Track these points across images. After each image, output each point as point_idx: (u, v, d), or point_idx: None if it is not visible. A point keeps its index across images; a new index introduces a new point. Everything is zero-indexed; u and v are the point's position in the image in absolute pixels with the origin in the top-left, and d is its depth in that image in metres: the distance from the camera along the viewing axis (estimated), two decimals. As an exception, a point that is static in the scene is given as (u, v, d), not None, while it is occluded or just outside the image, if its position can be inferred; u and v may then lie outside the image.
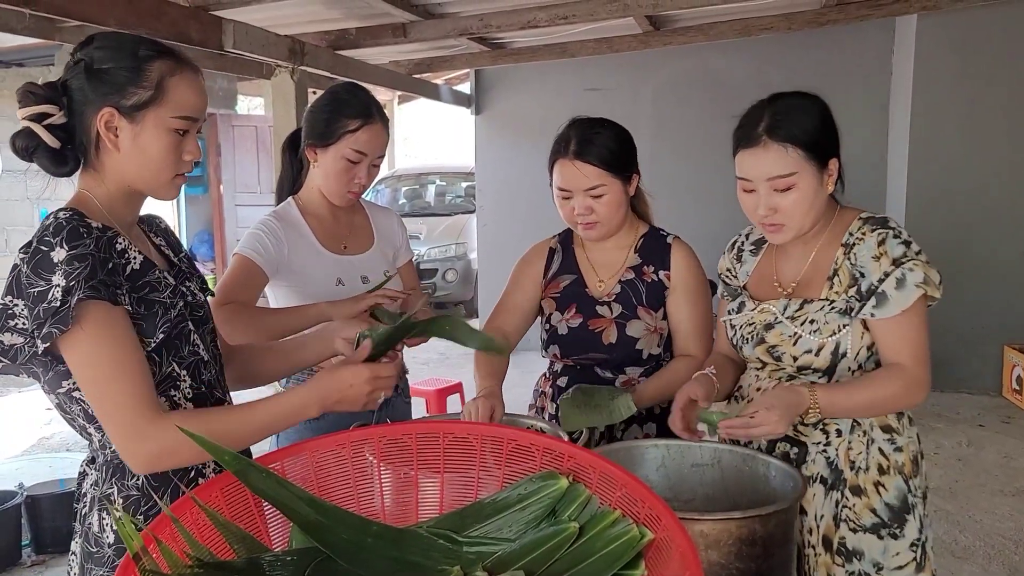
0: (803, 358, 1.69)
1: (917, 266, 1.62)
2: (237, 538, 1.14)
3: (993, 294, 5.87)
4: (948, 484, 4.34)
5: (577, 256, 2.14)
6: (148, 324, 1.36)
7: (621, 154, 1.99)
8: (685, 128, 6.73)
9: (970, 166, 5.83)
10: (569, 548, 1.11)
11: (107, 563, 1.39)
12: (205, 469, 1.45)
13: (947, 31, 5.78)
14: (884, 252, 1.63)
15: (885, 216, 1.71)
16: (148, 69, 1.35)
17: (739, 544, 1.33)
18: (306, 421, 2.06)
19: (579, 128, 2.00)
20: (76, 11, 3.40)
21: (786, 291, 1.76)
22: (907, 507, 1.67)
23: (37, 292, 1.24)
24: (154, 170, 1.38)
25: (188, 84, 1.39)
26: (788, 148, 1.62)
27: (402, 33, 5.42)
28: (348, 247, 2.19)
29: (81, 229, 1.28)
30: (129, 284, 1.34)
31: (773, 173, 1.63)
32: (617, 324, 2.02)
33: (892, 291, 1.61)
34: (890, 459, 1.68)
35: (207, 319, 1.53)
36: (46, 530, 3.74)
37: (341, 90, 2.13)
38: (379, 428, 1.39)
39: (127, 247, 1.37)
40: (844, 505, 1.67)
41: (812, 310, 1.68)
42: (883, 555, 1.65)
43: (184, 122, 1.38)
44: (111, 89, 1.34)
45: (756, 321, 1.76)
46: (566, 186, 1.99)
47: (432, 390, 5.15)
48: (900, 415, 1.71)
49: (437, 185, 11.04)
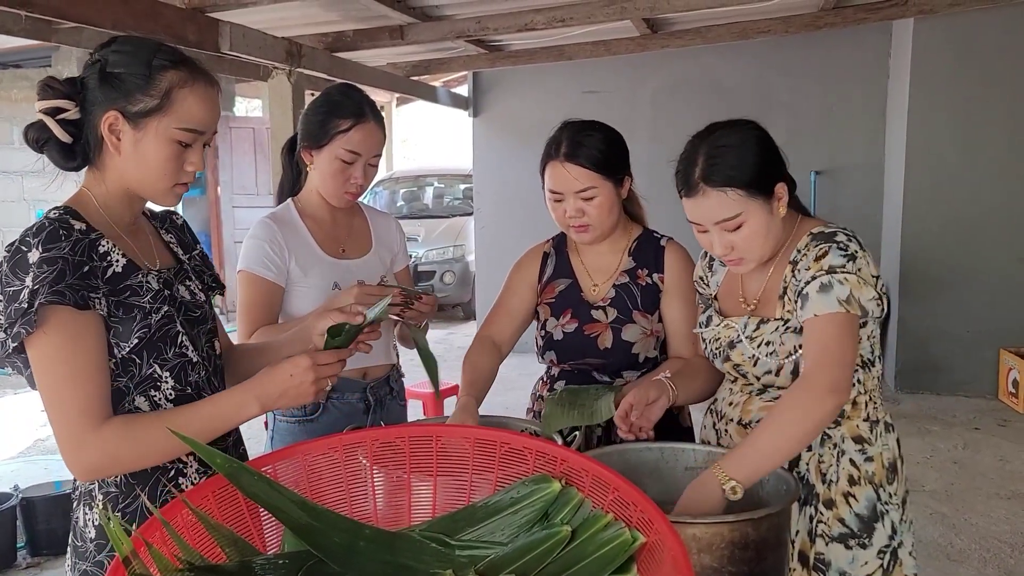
0: (765, 378, 1.70)
1: (847, 281, 1.55)
2: (228, 541, 1.13)
3: (989, 297, 5.88)
4: (944, 487, 4.34)
5: (571, 260, 2.13)
6: (124, 327, 1.36)
7: (612, 156, 1.98)
8: (683, 131, 6.69)
9: (967, 169, 5.84)
10: (561, 551, 1.10)
11: (89, 557, 1.41)
12: (186, 468, 1.45)
13: (944, 34, 5.79)
14: (820, 266, 1.57)
15: (835, 229, 1.64)
16: (159, 78, 1.36)
17: (732, 548, 1.33)
18: (300, 423, 2.11)
19: (570, 130, 1.99)
20: (72, 13, 3.41)
21: (749, 307, 1.75)
22: (875, 516, 1.65)
23: (12, 292, 1.27)
24: (152, 177, 1.39)
25: (197, 97, 1.39)
26: (727, 191, 1.59)
27: (399, 35, 5.42)
28: (346, 251, 2.19)
29: (61, 232, 1.31)
30: (108, 287, 1.35)
31: (718, 217, 1.62)
32: (613, 329, 2.02)
33: (814, 293, 1.56)
34: (860, 469, 1.66)
35: (205, 319, 1.52)
36: (41, 532, 3.74)
37: (334, 91, 2.12)
38: (372, 431, 1.39)
39: (110, 250, 1.37)
40: (819, 520, 1.65)
41: (768, 331, 1.67)
42: (850, 564, 1.63)
43: (188, 134, 1.38)
44: (119, 94, 1.35)
45: (721, 337, 1.76)
46: (557, 188, 1.98)
47: (429, 392, 5.14)
48: (874, 423, 1.68)
49: (435, 187, 11.04)
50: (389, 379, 2.26)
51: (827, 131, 6.62)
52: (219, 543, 1.12)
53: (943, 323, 5.92)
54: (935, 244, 5.90)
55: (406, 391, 2.39)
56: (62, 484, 3.87)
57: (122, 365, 1.38)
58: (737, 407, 1.77)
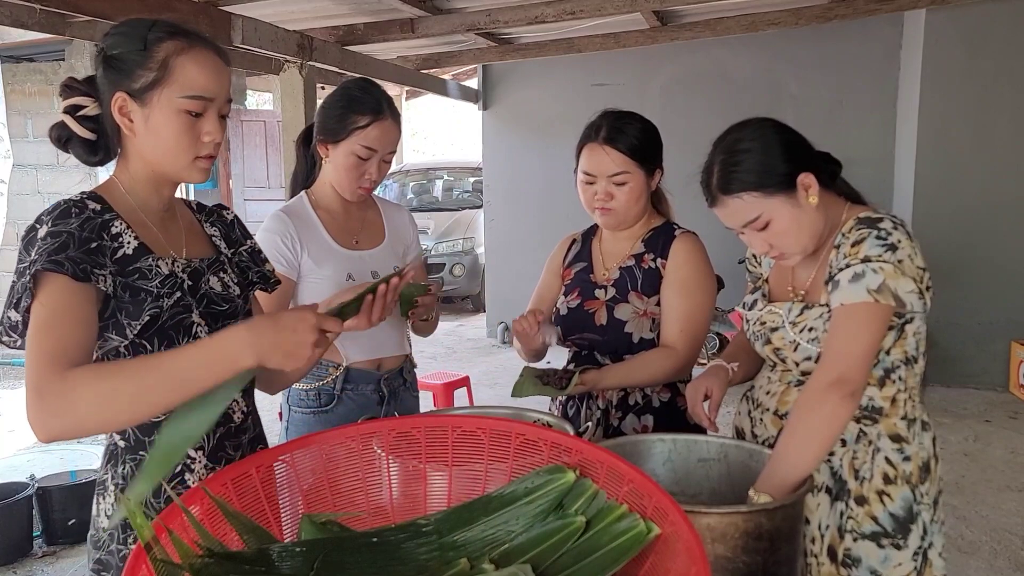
0: (804, 364, 1.69)
1: (882, 271, 1.52)
2: (246, 528, 1.15)
3: (1001, 290, 5.86)
4: (955, 479, 4.34)
5: (592, 247, 2.22)
6: (134, 308, 1.34)
7: (648, 145, 2.04)
8: (692, 123, 6.72)
9: (978, 162, 5.82)
10: (576, 542, 1.11)
11: (102, 546, 1.43)
12: (193, 464, 1.44)
13: (956, 26, 5.76)
14: (857, 252, 1.56)
15: (883, 216, 1.61)
16: (155, 51, 1.34)
17: (745, 538, 1.33)
18: (315, 414, 2.13)
19: (611, 117, 2.06)
20: (86, 6, 3.43)
21: (798, 295, 1.74)
22: (911, 517, 1.63)
23: (22, 268, 1.28)
24: (170, 152, 1.37)
25: (197, 63, 1.36)
26: (743, 196, 1.60)
27: (410, 28, 5.43)
28: (360, 242, 2.20)
29: (73, 210, 1.32)
30: (116, 267, 1.34)
31: (742, 222, 1.64)
32: (607, 306, 2.07)
33: (845, 281, 1.55)
34: (898, 469, 1.63)
35: (235, 313, 1.50)
36: (57, 522, 3.77)
37: (353, 86, 2.13)
38: (388, 421, 1.40)
39: (123, 231, 1.37)
40: (849, 516, 1.64)
41: (812, 316, 1.66)
42: (883, 564, 1.62)
43: (194, 102, 1.35)
44: (122, 75, 1.35)
45: (765, 321, 1.76)
46: (591, 170, 2.04)
47: (440, 384, 5.17)
48: (912, 422, 1.65)
49: (445, 180, 11.06)
50: (403, 370, 2.27)
51: (837, 123, 6.60)
52: (237, 530, 1.14)
53: (954, 316, 5.91)
54: (946, 237, 5.88)
55: (418, 383, 2.40)
56: (77, 474, 3.92)
57: (132, 349, 1.35)
58: (774, 397, 1.75)
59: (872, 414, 1.64)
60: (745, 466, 1.65)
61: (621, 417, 2.07)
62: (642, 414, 2.07)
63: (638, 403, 2.07)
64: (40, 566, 3.63)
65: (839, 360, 1.53)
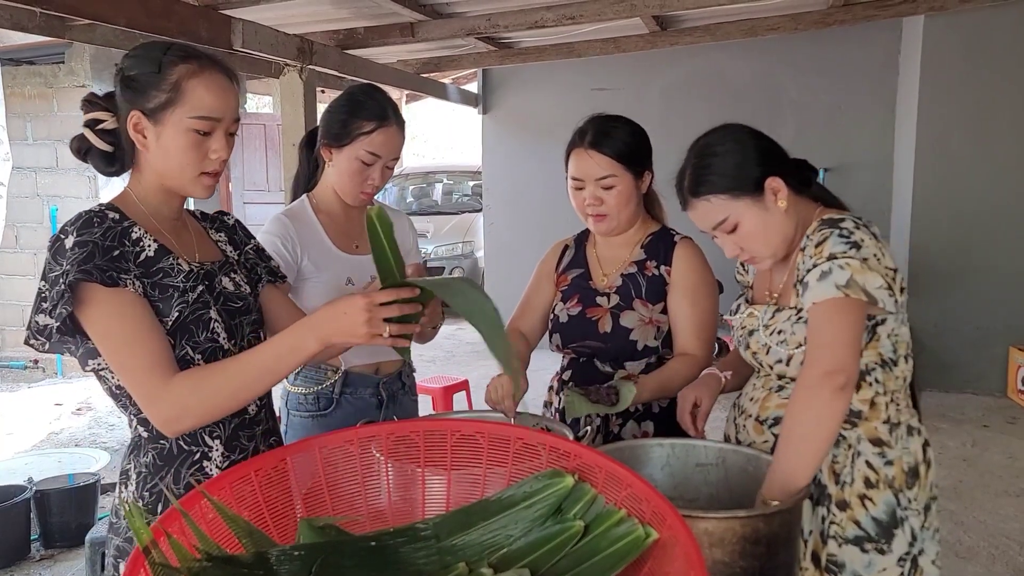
0: (777, 368, 1.70)
1: (848, 267, 1.53)
2: (245, 532, 1.15)
3: (999, 295, 5.86)
4: (953, 484, 4.34)
5: (587, 252, 2.21)
6: (164, 305, 1.43)
7: (634, 148, 2.04)
8: (692, 128, 6.72)
9: (977, 167, 5.82)
10: (574, 546, 1.12)
11: (122, 533, 1.50)
12: (211, 452, 1.50)
13: (954, 32, 5.77)
14: (821, 251, 1.57)
15: (844, 216, 1.62)
16: (169, 73, 1.43)
17: (743, 543, 1.33)
18: (313, 418, 2.13)
19: (597, 122, 2.07)
20: (87, 10, 3.43)
21: (773, 298, 1.76)
22: (895, 521, 1.62)
23: (54, 276, 1.36)
24: (177, 168, 1.46)
25: (207, 86, 1.44)
26: (710, 199, 1.65)
27: (410, 32, 5.43)
28: (360, 247, 2.20)
29: (95, 220, 1.41)
30: (141, 269, 1.43)
31: (711, 224, 1.68)
32: (612, 314, 2.07)
33: (813, 281, 1.55)
34: (880, 473, 1.62)
35: (248, 310, 1.59)
36: (55, 525, 3.77)
37: (358, 91, 2.14)
38: (387, 425, 1.40)
39: (142, 236, 1.46)
40: (831, 521, 1.63)
41: (781, 319, 1.67)
42: (867, 569, 1.61)
43: (203, 122, 1.44)
44: (137, 94, 1.44)
45: (746, 325, 1.77)
46: (579, 175, 2.04)
47: (439, 387, 5.17)
48: (895, 426, 1.65)
49: (444, 184, 11.06)
50: (401, 374, 2.27)
51: (836, 128, 6.61)
52: (236, 534, 1.14)
53: (952, 320, 5.91)
54: (944, 241, 5.88)
55: (416, 386, 2.40)
56: (75, 477, 3.92)
57: None
58: (756, 403, 1.76)
59: (851, 418, 1.63)
60: (743, 471, 1.65)
61: (621, 424, 2.07)
62: (642, 420, 2.07)
63: (638, 409, 2.07)
64: (38, 569, 3.63)
65: (824, 354, 1.53)
